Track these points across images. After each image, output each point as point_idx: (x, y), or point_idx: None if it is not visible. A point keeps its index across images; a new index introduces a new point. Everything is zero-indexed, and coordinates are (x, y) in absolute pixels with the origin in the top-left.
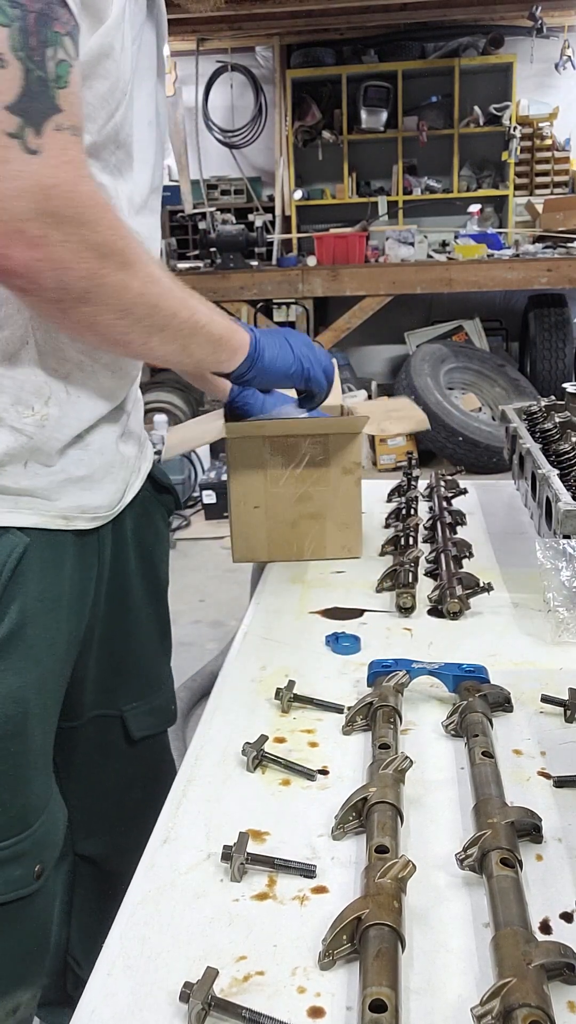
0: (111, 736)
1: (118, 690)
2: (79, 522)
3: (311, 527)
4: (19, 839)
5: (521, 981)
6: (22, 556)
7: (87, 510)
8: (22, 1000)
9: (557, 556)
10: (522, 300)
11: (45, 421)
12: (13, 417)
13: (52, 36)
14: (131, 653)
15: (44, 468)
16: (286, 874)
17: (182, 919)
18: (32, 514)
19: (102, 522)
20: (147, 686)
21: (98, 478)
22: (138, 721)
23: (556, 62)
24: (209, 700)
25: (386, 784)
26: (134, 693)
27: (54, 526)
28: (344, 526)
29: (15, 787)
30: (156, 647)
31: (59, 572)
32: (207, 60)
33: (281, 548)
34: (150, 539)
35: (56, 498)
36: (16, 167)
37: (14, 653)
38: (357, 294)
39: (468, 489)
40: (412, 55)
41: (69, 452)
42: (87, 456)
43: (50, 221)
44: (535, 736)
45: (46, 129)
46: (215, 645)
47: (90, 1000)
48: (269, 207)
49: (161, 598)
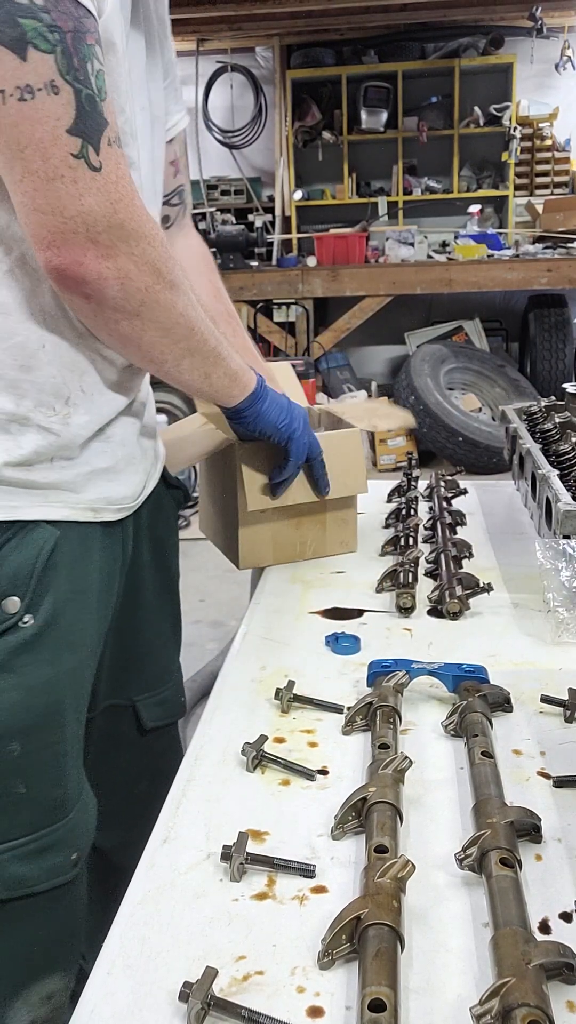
0: (123, 726)
1: (130, 681)
2: (106, 513)
3: (313, 526)
4: (57, 827)
5: (520, 981)
6: (53, 549)
7: (112, 501)
8: (56, 987)
9: (557, 556)
10: (522, 300)
11: (68, 419)
12: (40, 418)
13: (88, 50)
14: (143, 644)
15: (69, 461)
16: (286, 874)
17: (182, 919)
18: (62, 507)
19: (127, 513)
20: (158, 677)
21: (121, 469)
22: (149, 711)
23: (556, 62)
24: (209, 700)
25: (386, 784)
26: (145, 684)
27: (83, 518)
28: (343, 522)
29: (53, 777)
30: (167, 640)
31: (88, 564)
32: (207, 60)
33: (285, 550)
34: (163, 532)
35: (83, 490)
36: (85, 185)
37: (48, 644)
38: (357, 294)
39: (468, 489)
40: (412, 55)
41: (93, 445)
42: (110, 448)
43: (119, 233)
44: (535, 736)
45: (102, 145)
46: (215, 645)
47: (90, 999)
48: (269, 207)
49: (173, 591)
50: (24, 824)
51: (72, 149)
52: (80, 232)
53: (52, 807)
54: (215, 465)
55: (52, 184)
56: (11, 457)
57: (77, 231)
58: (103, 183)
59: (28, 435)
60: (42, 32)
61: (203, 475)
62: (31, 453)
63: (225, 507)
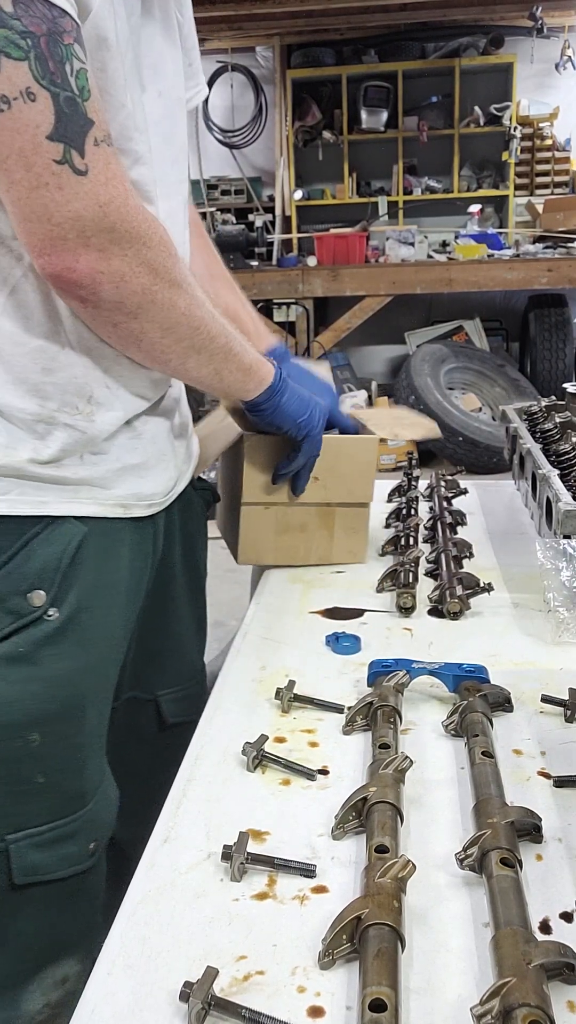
0: (143, 720)
1: (154, 675)
2: (136, 509)
3: (319, 530)
4: (74, 818)
5: (521, 981)
6: (80, 544)
7: (143, 497)
8: (71, 972)
9: (557, 556)
10: (522, 300)
11: (93, 417)
12: (65, 417)
13: (65, 51)
14: (170, 640)
15: (100, 457)
16: (286, 874)
17: (182, 919)
18: (91, 503)
19: (158, 509)
20: (182, 674)
21: (151, 465)
22: (171, 707)
23: (556, 62)
24: (209, 700)
25: (386, 784)
26: (169, 679)
27: (112, 514)
28: (352, 531)
29: (72, 768)
30: (192, 637)
31: (117, 560)
32: (207, 60)
33: (287, 552)
34: (193, 530)
35: (113, 486)
36: (72, 190)
37: (72, 638)
38: (357, 294)
39: (468, 489)
40: (412, 55)
41: (122, 441)
42: (140, 445)
43: (111, 236)
44: (535, 736)
45: (87, 147)
46: (215, 645)
47: (90, 999)
48: (269, 207)
49: (200, 589)
50: (42, 813)
51: (54, 155)
52: (70, 238)
53: (71, 797)
54: (228, 458)
55: (37, 192)
56: (39, 455)
57: (67, 237)
58: (91, 186)
59: (54, 434)
60: (13, 40)
61: (220, 469)
62: (58, 451)
63: (233, 500)
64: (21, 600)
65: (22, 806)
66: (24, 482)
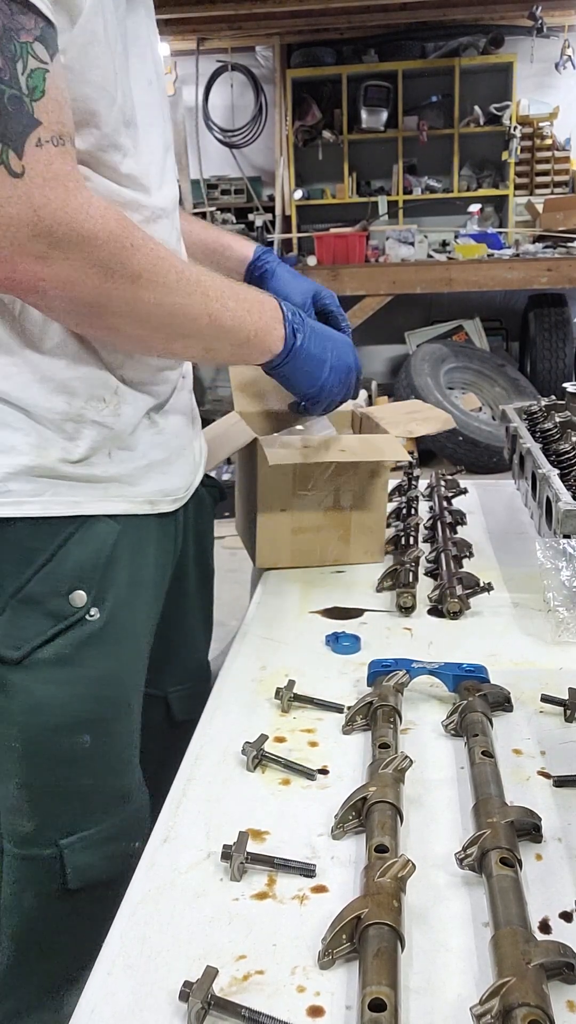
0: (154, 716)
1: (165, 671)
2: (162, 505)
3: (336, 531)
4: (121, 818)
5: (520, 980)
6: (115, 544)
7: (168, 493)
8: None
9: (557, 556)
10: (522, 300)
11: (119, 409)
12: (92, 413)
13: (19, 48)
14: (181, 636)
15: (127, 453)
16: (286, 873)
17: (182, 918)
18: (121, 501)
19: (180, 503)
20: (192, 671)
21: (174, 460)
22: (181, 704)
23: (556, 62)
24: (209, 700)
25: (386, 783)
26: (179, 676)
27: (141, 511)
28: (368, 530)
29: (120, 767)
30: (201, 633)
31: (145, 557)
32: (207, 60)
33: (305, 554)
34: (204, 526)
35: (140, 483)
36: (5, 193)
37: (112, 637)
38: (357, 294)
39: (468, 489)
40: (412, 55)
41: (148, 437)
42: (163, 440)
43: (50, 241)
44: (535, 736)
45: (27, 148)
46: (215, 645)
47: (90, 999)
48: (269, 207)
49: (209, 586)
50: (91, 815)
51: None
52: (5, 245)
53: (118, 796)
54: (244, 463)
55: None
56: (70, 455)
57: (1, 244)
58: (26, 189)
59: (84, 432)
60: None
61: (237, 473)
62: (88, 449)
63: (250, 505)
64: (62, 601)
65: (73, 809)
66: (57, 482)
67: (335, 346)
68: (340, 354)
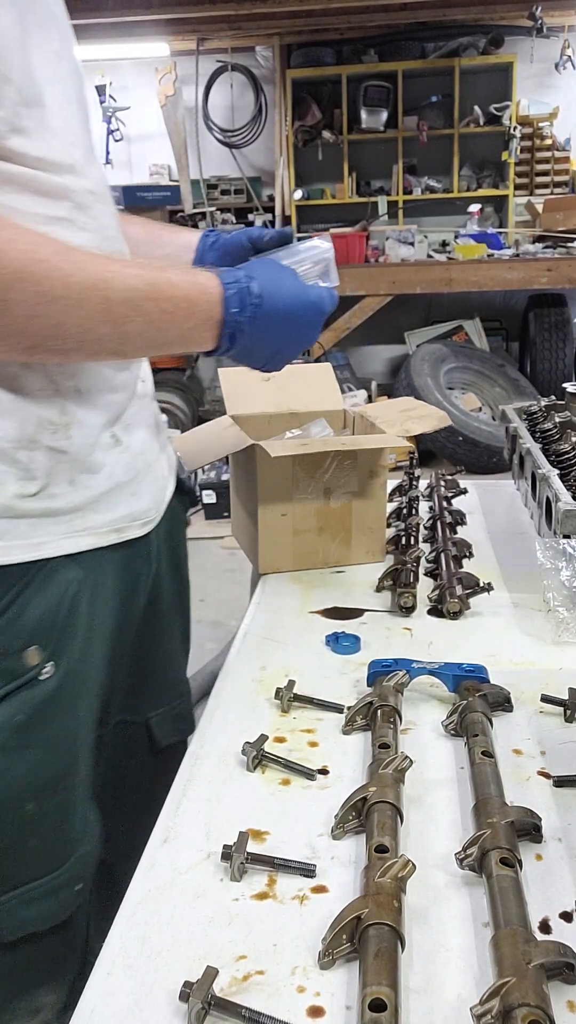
0: (136, 744)
1: (145, 696)
2: (131, 531)
3: (337, 533)
4: (65, 869)
5: (520, 980)
6: (76, 594)
7: (136, 516)
8: (45, 1002)
9: (557, 556)
10: (522, 300)
11: (70, 430)
12: (46, 438)
13: None
14: (160, 658)
15: (90, 478)
16: (286, 873)
17: (182, 918)
18: (86, 535)
19: (152, 526)
20: (172, 691)
21: (142, 478)
22: (163, 728)
23: (556, 62)
24: (209, 700)
25: (386, 784)
26: (160, 699)
27: (107, 542)
28: (369, 530)
29: (66, 826)
30: (179, 652)
31: (105, 595)
32: (207, 60)
33: (307, 556)
34: (176, 540)
35: (107, 510)
36: None
37: (68, 692)
38: (357, 294)
39: (468, 489)
40: (412, 55)
41: (113, 457)
42: (129, 458)
43: None
44: (535, 736)
45: None
46: (215, 645)
47: (90, 999)
48: (269, 207)
49: (185, 600)
50: (33, 870)
51: None
52: None
53: (62, 851)
54: (240, 467)
55: None
56: (26, 489)
57: None
58: None
59: (38, 459)
60: None
61: (232, 478)
62: (45, 478)
63: (249, 509)
64: (16, 660)
65: (14, 869)
66: (16, 521)
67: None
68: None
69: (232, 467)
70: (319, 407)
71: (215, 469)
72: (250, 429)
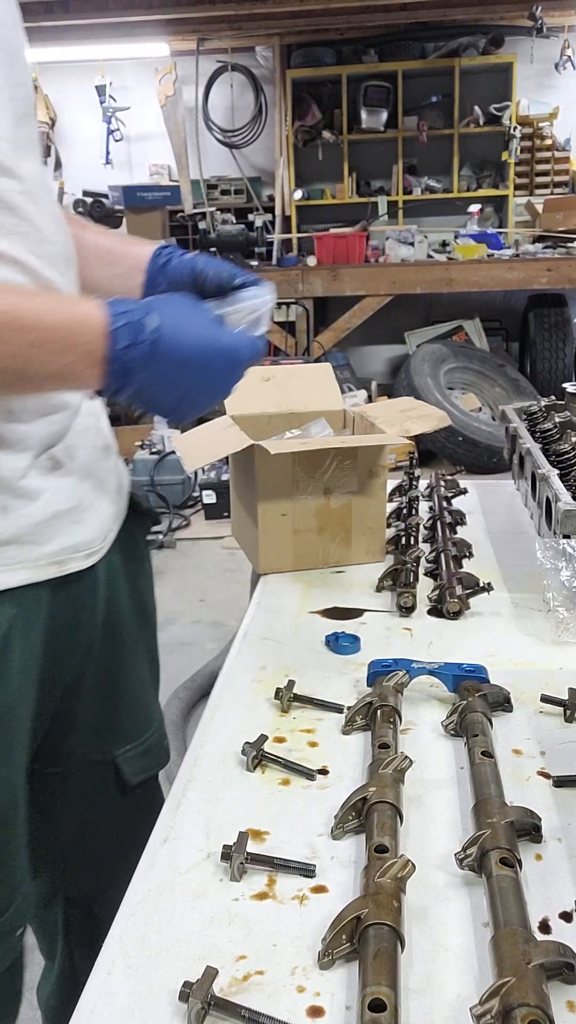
0: (103, 784)
1: (111, 733)
2: (72, 563)
3: (337, 533)
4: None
5: (520, 980)
6: (6, 634)
7: (80, 547)
8: None
9: (557, 556)
10: (522, 300)
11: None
12: None
13: None
14: (125, 692)
15: (25, 503)
16: (286, 874)
17: (182, 919)
18: (20, 569)
19: (98, 556)
20: (141, 725)
21: (86, 506)
22: (132, 765)
23: (556, 62)
24: (209, 700)
25: (386, 784)
26: (128, 735)
27: (44, 576)
28: (369, 530)
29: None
30: (147, 680)
31: (37, 636)
32: (207, 60)
33: (307, 557)
34: (136, 564)
35: (46, 541)
36: None
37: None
38: (357, 294)
39: (468, 489)
40: (412, 55)
41: (51, 481)
42: (71, 483)
43: None
44: (535, 736)
45: None
46: (215, 645)
47: (90, 999)
48: (269, 207)
49: (150, 625)
50: None
51: None
52: None
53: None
54: (239, 468)
55: None
56: None
57: None
58: None
59: None
60: None
61: (232, 479)
62: None
63: (248, 510)
64: None
65: None
66: None
67: (204, 343)
68: (212, 357)
69: (232, 467)
70: (319, 407)
71: (215, 469)
72: (250, 429)
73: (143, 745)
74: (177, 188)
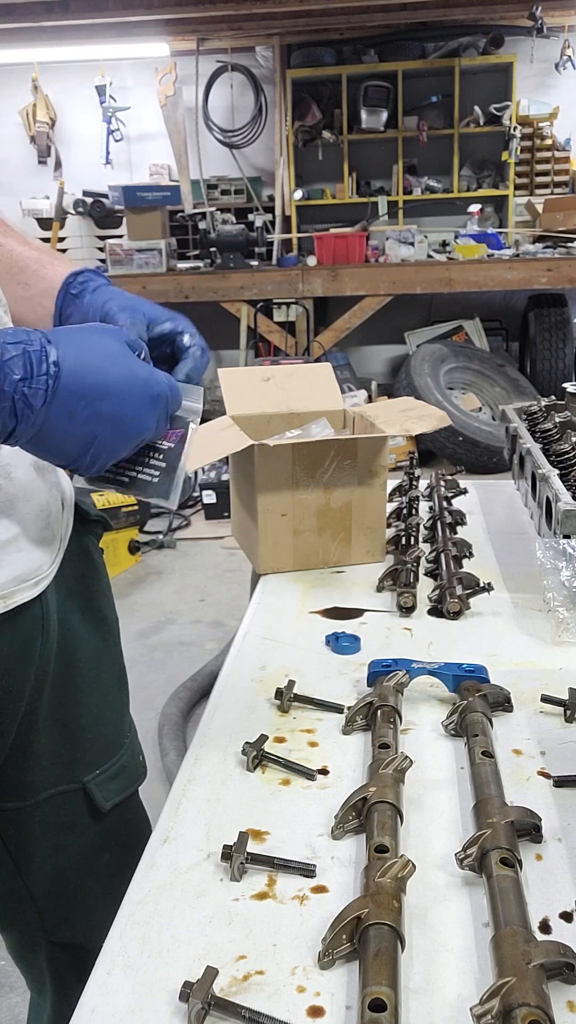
0: (74, 812)
1: (77, 760)
2: (20, 595)
3: (337, 533)
4: None
5: (521, 981)
6: None
7: (26, 577)
8: None
9: (557, 556)
10: (522, 300)
11: None
12: None
13: None
14: (88, 715)
15: None
16: (286, 874)
17: (182, 919)
18: None
19: (47, 582)
20: (109, 747)
21: (30, 530)
22: (104, 789)
23: (556, 62)
24: (209, 700)
25: (386, 784)
26: (96, 759)
27: None
28: (369, 530)
29: None
30: (114, 698)
31: None
32: (207, 60)
33: (307, 557)
34: (90, 578)
35: None
36: None
37: None
38: (357, 294)
39: (468, 489)
40: (412, 55)
41: None
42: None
43: None
44: (535, 736)
45: None
46: (215, 645)
47: (90, 999)
48: (269, 207)
49: (112, 640)
50: None
51: None
52: None
53: None
54: (239, 468)
55: None
56: None
57: None
58: None
59: None
60: None
61: (232, 479)
62: None
63: (248, 510)
64: None
65: None
66: None
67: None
68: (126, 394)
69: (232, 467)
70: (319, 407)
71: (215, 469)
72: (250, 429)
73: (114, 766)
74: (177, 188)
